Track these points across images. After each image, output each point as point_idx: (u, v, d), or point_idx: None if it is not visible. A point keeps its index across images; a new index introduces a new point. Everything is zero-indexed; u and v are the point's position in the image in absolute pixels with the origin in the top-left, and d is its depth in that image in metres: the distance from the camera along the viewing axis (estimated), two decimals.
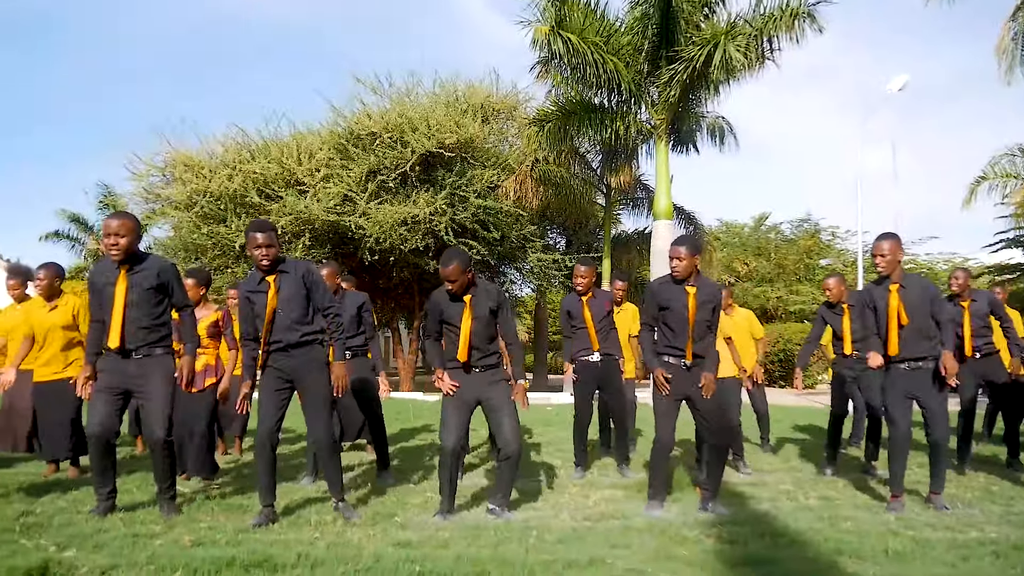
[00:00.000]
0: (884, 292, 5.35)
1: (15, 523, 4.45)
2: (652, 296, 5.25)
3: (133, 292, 4.76)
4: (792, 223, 36.07)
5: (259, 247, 4.76)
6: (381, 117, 19.26)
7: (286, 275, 4.84)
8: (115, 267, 4.78)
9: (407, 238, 18.48)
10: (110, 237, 4.72)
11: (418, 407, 13.72)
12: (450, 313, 5.00)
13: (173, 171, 20.38)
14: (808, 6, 14.96)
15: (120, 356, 4.78)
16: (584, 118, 17.24)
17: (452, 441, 4.91)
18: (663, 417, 5.13)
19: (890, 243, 5.31)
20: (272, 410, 4.80)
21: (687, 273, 5.11)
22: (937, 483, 5.36)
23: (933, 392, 5.28)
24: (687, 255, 5.08)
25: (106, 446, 4.76)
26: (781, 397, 17.44)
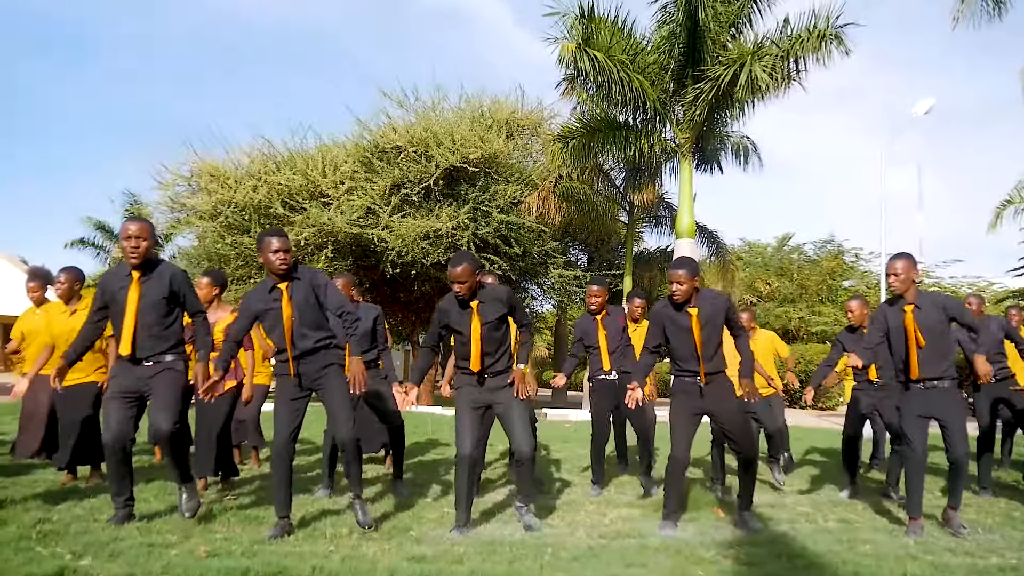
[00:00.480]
0: (899, 313, 5.30)
1: (32, 531, 4.47)
2: (656, 323, 5.26)
3: (145, 299, 4.78)
4: (815, 244, 35.93)
5: (277, 251, 4.76)
6: (406, 131, 19.37)
7: (298, 282, 4.85)
8: (128, 274, 4.81)
9: (429, 252, 18.53)
10: (130, 240, 4.76)
11: (437, 421, 13.71)
12: (458, 321, 5.02)
13: (199, 181, 20.57)
14: (836, 28, 14.92)
15: (131, 363, 4.80)
16: (609, 135, 17.27)
17: (468, 447, 4.92)
18: (679, 434, 5.13)
19: (904, 263, 5.26)
20: (287, 420, 4.81)
21: (687, 296, 5.10)
22: (955, 499, 5.30)
23: (951, 411, 5.21)
24: (687, 278, 5.08)
25: (122, 453, 4.76)
26: (802, 418, 17.30)
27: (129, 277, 4.80)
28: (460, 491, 4.94)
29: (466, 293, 4.93)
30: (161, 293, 4.82)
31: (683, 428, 5.14)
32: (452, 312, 5.04)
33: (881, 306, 5.50)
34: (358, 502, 4.91)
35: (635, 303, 7.41)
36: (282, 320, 4.77)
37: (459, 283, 4.89)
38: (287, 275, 4.82)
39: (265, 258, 4.81)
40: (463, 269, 4.86)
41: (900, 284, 5.26)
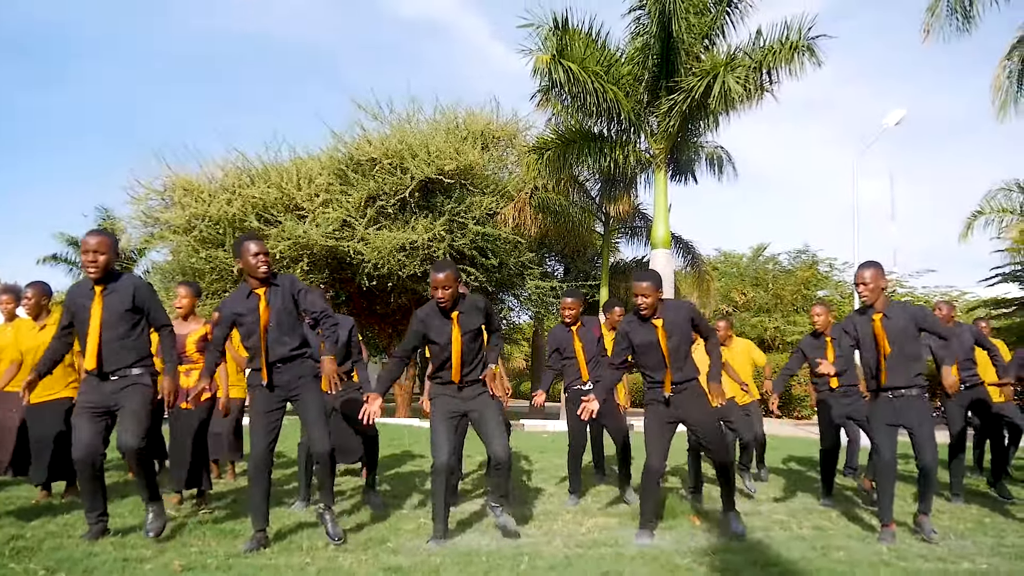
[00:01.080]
0: (867, 321, 5.36)
1: (5, 547, 4.43)
2: (624, 337, 5.28)
3: (108, 312, 4.73)
4: (790, 254, 36.21)
5: (257, 255, 4.76)
6: (381, 143, 19.36)
7: (276, 288, 4.84)
8: (90, 288, 4.76)
9: (405, 264, 18.52)
10: (88, 254, 4.71)
11: (414, 433, 13.67)
12: (438, 331, 5.01)
13: (172, 195, 20.45)
14: (807, 40, 15.13)
15: (99, 378, 4.75)
16: (584, 146, 17.38)
17: (443, 457, 4.92)
18: (653, 444, 5.18)
19: (872, 271, 5.31)
20: (264, 432, 4.76)
21: (653, 308, 5.14)
22: (925, 505, 5.36)
23: (919, 419, 5.27)
24: (651, 290, 5.12)
25: (93, 469, 4.70)
26: (778, 427, 17.41)
27: (92, 291, 4.75)
28: (437, 502, 4.94)
29: (448, 301, 4.93)
30: (124, 306, 4.77)
31: (657, 437, 5.18)
32: (431, 322, 5.04)
33: (851, 315, 5.57)
34: (328, 514, 4.86)
35: (615, 311, 7.45)
36: (259, 326, 4.75)
37: (443, 289, 4.89)
38: (266, 280, 4.82)
39: (245, 262, 4.79)
40: (446, 276, 4.88)
41: (869, 293, 5.31)
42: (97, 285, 4.76)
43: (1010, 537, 5.43)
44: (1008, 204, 21.24)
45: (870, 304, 5.34)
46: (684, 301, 5.47)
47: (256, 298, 4.79)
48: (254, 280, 4.82)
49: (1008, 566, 4.53)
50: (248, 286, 4.84)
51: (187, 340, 6.19)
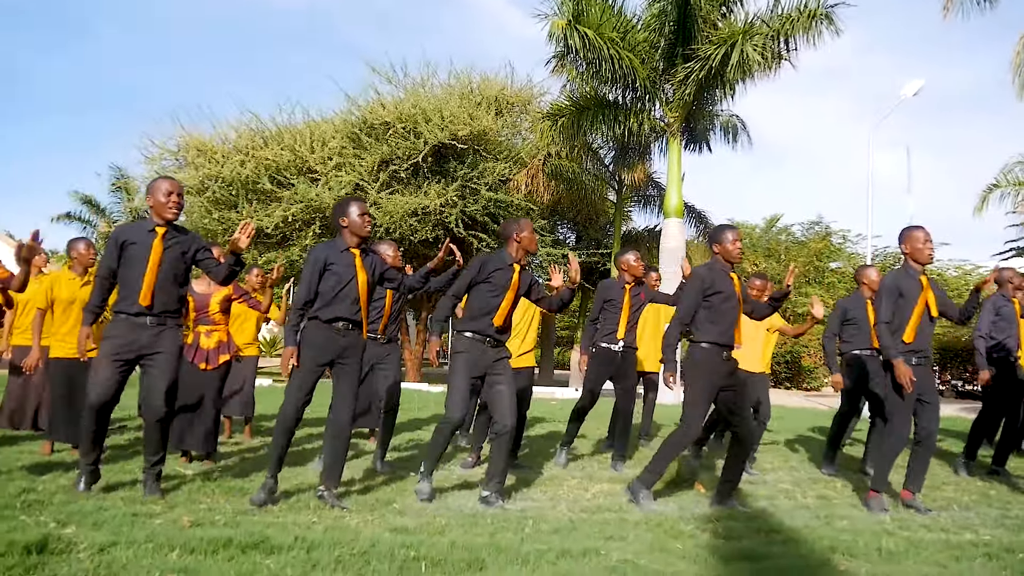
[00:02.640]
0: (916, 281, 5.31)
1: (16, 500, 4.49)
2: (707, 280, 5.15)
3: (168, 255, 4.79)
4: (803, 225, 35.97)
5: (363, 215, 4.92)
6: (395, 107, 19.28)
7: (367, 256, 4.96)
8: (147, 230, 4.79)
9: (417, 229, 18.52)
10: (173, 195, 4.82)
11: (423, 398, 13.76)
12: (502, 276, 5.14)
13: (186, 155, 20.48)
14: (826, 8, 14.94)
15: (135, 319, 4.74)
16: (598, 114, 17.27)
17: (459, 414, 4.99)
18: (701, 410, 5.13)
19: (926, 232, 5.40)
20: (308, 386, 4.79)
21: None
22: (917, 482, 5.33)
23: (931, 388, 5.30)
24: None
25: (103, 416, 4.76)
26: (787, 398, 17.43)
27: (153, 233, 4.79)
28: (434, 449, 5.04)
29: (522, 259, 5.25)
30: (183, 252, 4.88)
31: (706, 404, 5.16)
32: (497, 264, 5.18)
33: (893, 274, 5.42)
34: (327, 493, 4.79)
35: (652, 277, 7.46)
36: (357, 283, 4.83)
37: (530, 252, 5.25)
38: (362, 244, 4.96)
39: (350, 221, 4.90)
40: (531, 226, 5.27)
41: (932, 252, 5.35)
42: (159, 227, 4.81)
43: (1015, 509, 5.46)
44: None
45: (929, 262, 5.36)
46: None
47: (351, 256, 4.88)
48: (354, 238, 4.91)
49: (1011, 538, 4.55)
50: (344, 242, 4.92)
51: (211, 300, 6.23)
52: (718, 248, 5.25)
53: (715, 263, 5.25)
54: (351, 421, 4.90)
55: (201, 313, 6.22)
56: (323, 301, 4.82)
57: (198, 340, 6.21)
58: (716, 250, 5.27)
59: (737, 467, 5.23)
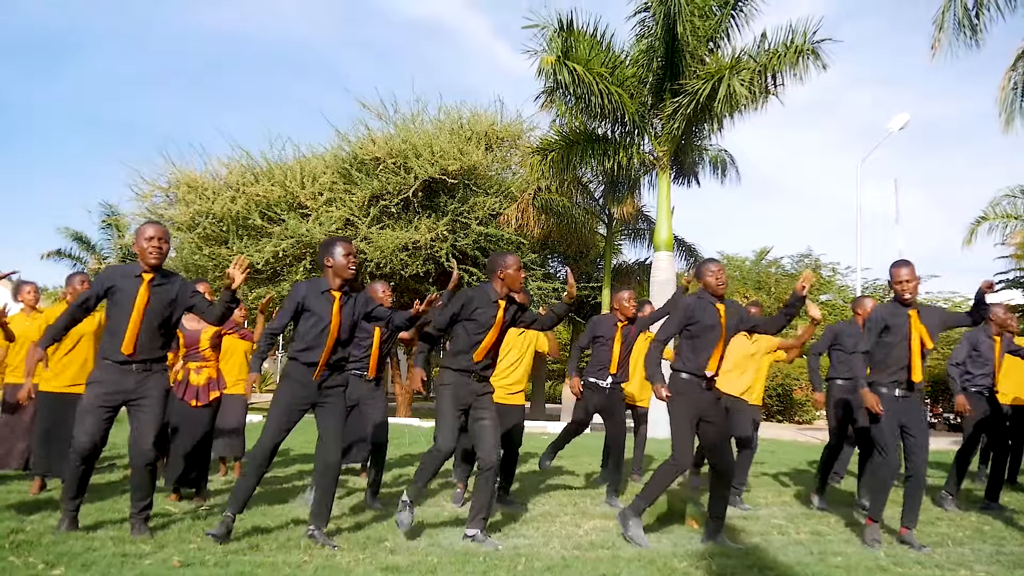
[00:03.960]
0: (904, 316, 5.35)
1: (5, 540, 4.44)
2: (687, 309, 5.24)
3: (154, 301, 4.76)
4: (793, 258, 36.21)
5: (348, 255, 4.88)
6: (385, 143, 19.37)
7: (348, 298, 4.93)
8: (137, 275, 4.78)
9: (408, 263, 18.54)
10: (154, 240, 4.77)
11: (414, 433, 13.69)
12: (485, 313, 5.08)
13: (177, 192, 20.48)
14: (813, 43, 15.12)
15: (120, 366, 4.74)
16: (587, 148, 17.37)
17: (449, 444, 4.94)
18: (685, 438, 5.10)
19: (910, 268, 5.39)
20: (278, 427, 4.76)
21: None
22: (911, 517, 5.32)
23: (919, 421, 5.31)
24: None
25: (89, 461, 4.73)
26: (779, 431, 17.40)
27: (139, 278, 4.77)
28: (421, 478, 4.96)
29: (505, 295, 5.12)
30: (169, 295, 4.83)
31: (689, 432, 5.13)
32: (481, 301, 5.11)
33: (879, 308, 5.51)
34: (317, 532, 4.75)
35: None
36: (330, 328, 4.79)
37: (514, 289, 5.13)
38: (344, 286, 4.92)
39: (335, 262, 4.89)
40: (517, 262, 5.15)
41: (915, 289, 5.37)
42: (146, 273, 4.79)
43: (1009, 545, 5.44)
44: (1012, 210, 21.19)
45: (911, 300, 5.37)
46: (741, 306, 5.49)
47: (331, 297, 4.86)
48: (336, 279, 4.89)
49: (1006, 574, 4.54)
50: (327, 283, 4.90)
51: (201, 336, 6.22)
52: (702, 282, 5.30)
53: (702, 294, 5.29)
54: (339, 459, 4.86)
55: (191, 349, 6.21)
56: (303, 343, 4.82)
57: (188, 377, 6.20)
58: (702, 283, 5.32)
59: (720, 503, 5.20)
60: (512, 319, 5.25)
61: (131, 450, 4.77)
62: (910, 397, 5.30)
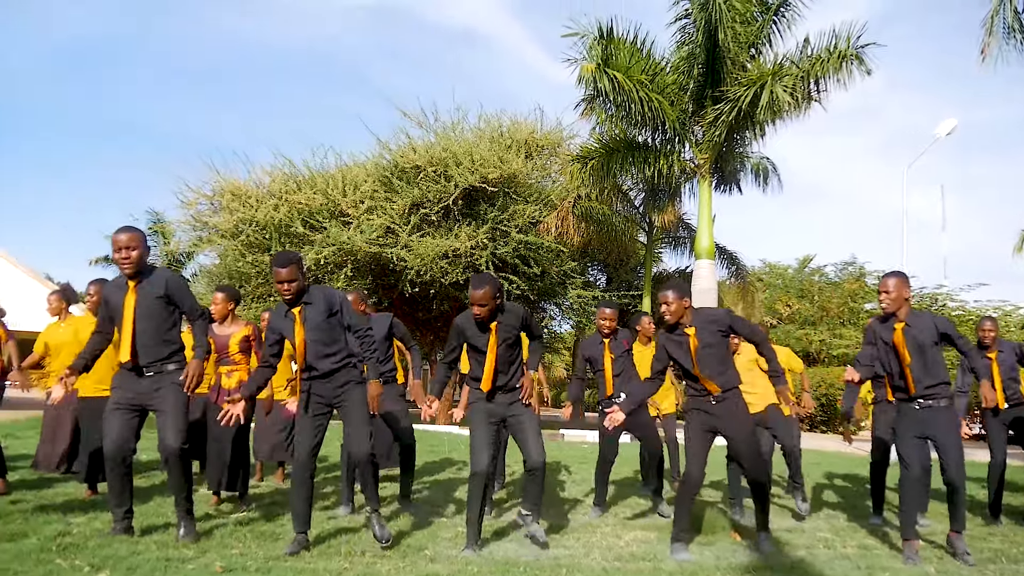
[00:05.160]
0: (889, 330, 5.31)
1: (51, 543, 4.51)
2: (661, 349, 5.27)
3: (141, 305, 4.81)
4: (837, 266, 35.70)
5: (281, 282, 4.81)
6: (426, 151, 19.47)
7: (310, 306, 4.88)
8: (124, 283, 4.85)
9: (448, 271, 18.59)
10: (121, 251, 4.78)
11: (453, 440, 13.69)
12: (475, 340, 5.05)
13: (221, 199, 20.75)
14: (856, 48, 14.92)
15: (133, 373, 4.82)
16: (627, 156, 17.30)
17: (483, 463, 4.91)
18: (693, 452, 5.10)
19: (895, 280, 5.28)
20: (309, 436, 4.82)
21: (678, 316, 5.12)
22: (957, 522, 5.23)
23: (946, 430, 5.18)
24: (674, 299, 5.11)
25: (123, 466, 4.78)
26: (823, 442, 17.15)
27: (126, 286, 4.84)
28: (472, 509, 4.93)
29: (485, 316, 4.95)
30: (155, 294, 4.84)
31: (697, 447, 5.11)
32: (468, 329, 5.08)
33: (872, 322, 5.52)
34: (376, 516, 4.90)
35: (643, 321, 7.41)
36: (295, 342, 4.83)
37: (479, 306, 4.92)
38: (296, 301, 4.87)
39: (275, 285, 4.92)
40: (484, 292, 4.88)
41: (891, 302, 5.26)
42: (131, 280, 4.84)
43: None
44: None
45: (892, 312, 5.29)
46: (721, 309, 5.44)
47: (291, 317, 4.87)
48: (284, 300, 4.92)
49: None
50: (284, 305, 4.93)
51: (230, 341, 6.27)
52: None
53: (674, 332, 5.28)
54: (367, 449, 4.86)
55: (221, 353, 6.27)
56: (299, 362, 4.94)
57: (219, 380, 6.27)
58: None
59: (760, 513, 5.22)
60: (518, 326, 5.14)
61: (159, 445, 4.83)
62: (931, 408, 5.20)
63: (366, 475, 4.94)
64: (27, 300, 26.31)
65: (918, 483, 5.17)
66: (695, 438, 5.13)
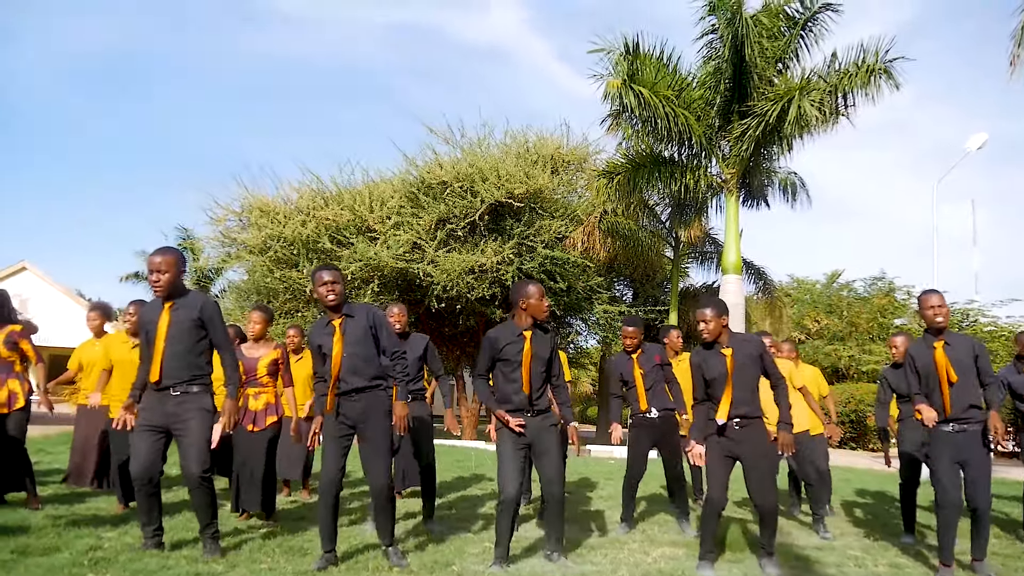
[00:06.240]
0: (929, 349, 5.22)
1: (83, 557, 4.56)
2: (698, 370, 5.20)
3: (174, 326, 4.85)
4: (866, 281, 35.30)
5: (325, 284, 4.88)
6: (452, 167, 19.54)
7: (351, 319, 4.92)
8: (160, 304, 4.90)
9: (474, 286, 18.61)
10: (153, 273, 4.85)
11: (480, 456, 13.68)
12: (510, 350, 5.03)
13: (249, 216, 20.92)
14: (884, 62, 14.84)
15: (158, 392, 4.84)
16: (654, 171, 17.28)
17: (513, 490, 4.88)
18: (714, 474, 5.04)
19: (940, 296, 5.25)
20: (335, 455, 4.83)
21: (716, 335, 5.10)
22: (980, 550, 5.14)
23: (979, 455, 5.10)
24: (713, 316, 5.10)
25: (151, 486, 4.81)
26: (853, 459, 16.95)
27: (161, 307, 4.90)
28: (501, 532, 4.90)
29: (530, 323, 5.03)
30: (190, 320, 4.88)
31: (718, 469, 5.06)
32: (504, 339, 5.06)
33: (910, 347, 5.41)
34: (391, 549, 4.85)
35: (671, 335, 7.38)
36: (331, 355, 4.84)
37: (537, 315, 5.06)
38: (337, 310, 4.92)
39: (316, 291, 4.93)
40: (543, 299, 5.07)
41: (944, 318, 5.19)
42: (166, 301, 4.90)
43: None
44: None
45: (942, 329, 5.20)
46: (755, 335, 5.41)
47: (332, 328, 4.90)
48: (329, 310, 4.95)
49: None
50: (327, 317, 4.95)
51: (258, 364, 6.31)
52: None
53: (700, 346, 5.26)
54: (387, 481, 4.86)
55: (250, 376, 6.31)
56: (319, 377, 4.96)
57: (247, 402, 6.30)
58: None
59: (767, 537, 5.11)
60: (550, 346, 5.16)
61: (182, 473, 4.86)
62: (966, 431, 5.11)
63: (381, 509, 4.88)
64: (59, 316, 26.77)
65: (956, 509, 5.08)
66: (715, 463, 5.06)
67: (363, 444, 4.91)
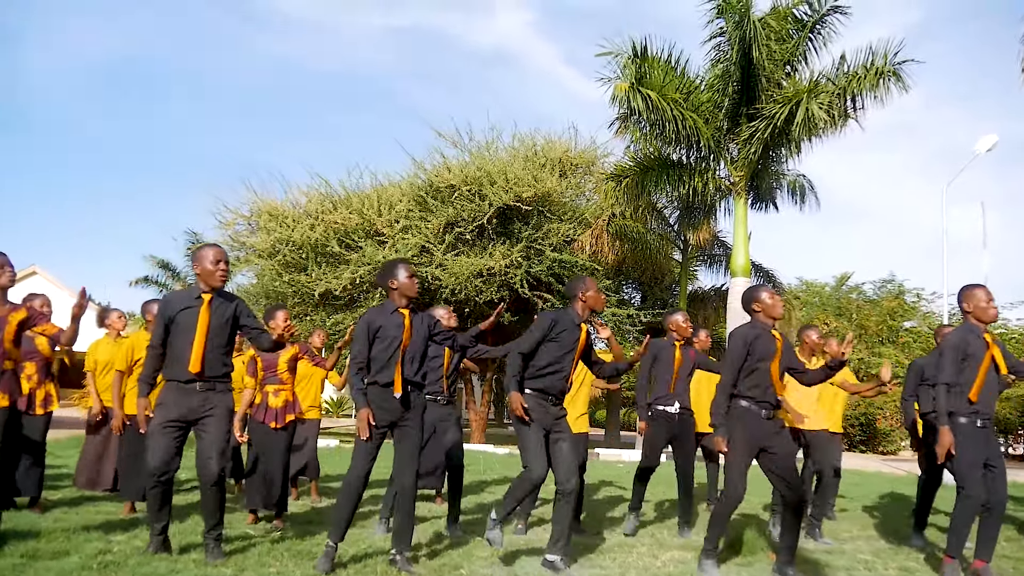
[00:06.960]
0: (981, 340, 5.12)
1: (92, 561, 4.56)
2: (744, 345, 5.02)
3: (215, 320, 4.89)
4: (875, 283, 35.24)
5: (411, 276, 4.98)
6: (460, 170, 19.56)
7: (417, 316, 5.01)
8: (194, 297, 4.92)
9: (482, 290, 18.62)
10: (220, 263, 4.95)
11: (489, 460, 13.68)
12: (566, 337, 5.07)
13: (258, 220, 20.98)
14: (893, 65, 14.82)
15: (184, 385, 4.83)
16: (662, 174, 17.29)
17: (541, 470, 4.83)
18: (740, 472, 4.94)
19: (988, 291, 5.23)
20: (366, 458, 4.79)
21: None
22: (988, 551, 5.02)
23: (996, 452, 5.11)
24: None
25: (165, 484, 4.81)
26: (863, 462, 16.89)
27: (199, 299, 4.90)
28: (513, 497, 4.87)
29: (598, 311, 5.17)
30: (227, 314, 4.95)
31: (743, 463, 4.96)
32: (565, 323, 5.11)
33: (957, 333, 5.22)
34: (400, 558, 4.76)
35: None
36: (400, 342, 4.86)
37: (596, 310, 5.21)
38: (409, 305, 4.99)
39: (400, 283, 4.94)
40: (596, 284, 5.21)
41: (996, 312, 5.21)
42: (206, 294, 4.92)
43: None
44: None
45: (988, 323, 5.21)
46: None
47: (400, 316, 4.92)
48: (403, 299, 4.97)
49: None
50: (393, 304, 4.98)
51: (279, 360, 6.33)
52: (758, 306, 5.13)
53: (756, 323, 5.13)
54: (415, 482, 4.88)
55: (269, 372, 6.33)
56: (378, 365, 4.87)
57: (266, 400, 6.31)
58: (757, 308, 5.14)
59: (790, 534, 4.98)
60: (588, 349, 5.22)
61: (198, 469, 4.86)
62: (987, 427, 5.09)
63: (406, 511, 4.83)
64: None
65: (980, 502, 4.99)
66: (742, 454, 4.92)
67: (399, 442, 4.89)
